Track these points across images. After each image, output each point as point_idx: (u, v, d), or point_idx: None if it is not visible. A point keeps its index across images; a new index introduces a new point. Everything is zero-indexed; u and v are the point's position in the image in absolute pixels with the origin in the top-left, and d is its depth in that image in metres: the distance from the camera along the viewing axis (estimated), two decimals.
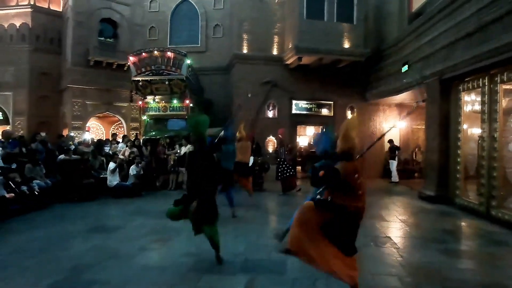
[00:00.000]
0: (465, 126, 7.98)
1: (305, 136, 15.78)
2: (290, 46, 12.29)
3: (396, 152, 12.33)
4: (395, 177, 12.35)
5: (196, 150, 4.33)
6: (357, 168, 3.17)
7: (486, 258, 4.77)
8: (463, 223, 6.75)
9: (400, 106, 13.77)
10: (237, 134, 8.17)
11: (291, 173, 9.46)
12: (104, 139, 13.00)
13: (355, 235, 3.29)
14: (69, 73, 14.87)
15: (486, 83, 6.97)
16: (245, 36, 13.34)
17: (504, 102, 6.72)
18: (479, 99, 7.39)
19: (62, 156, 8.78)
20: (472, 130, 7.95)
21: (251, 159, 9.91)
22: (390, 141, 12.63)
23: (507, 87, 6.74)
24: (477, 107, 7.56)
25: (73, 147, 9.98)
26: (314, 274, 3.93)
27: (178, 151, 10.47)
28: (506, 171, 6.68)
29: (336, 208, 3.16)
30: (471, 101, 7.94)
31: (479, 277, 4.06)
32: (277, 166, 9.68)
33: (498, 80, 6.68)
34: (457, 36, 7.72)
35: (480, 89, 7.24)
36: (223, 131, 6.11)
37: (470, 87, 7.64)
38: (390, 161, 12.47)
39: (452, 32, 7.95)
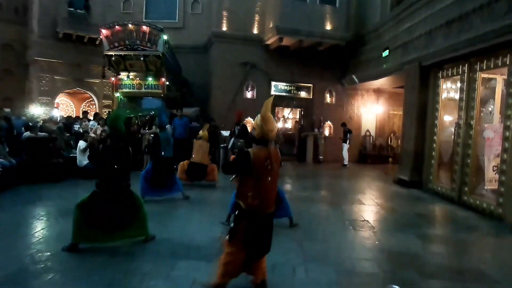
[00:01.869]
0: (442, 113, 8.07)
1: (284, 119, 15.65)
2: (271, 26, 11.98)
3: (348, 135, 12.40)
4: (345, 160, 12.48)
5: (112, 144, 4.05)
6: (270, 155, 3.04)
7: (460, 243, 4.87)
8: (436, 208, 6.90)
9: (378, 91, 13.88)
10: (200, 133, 7.91)
11: None
12: (74, 117, 12.38)
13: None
14: (35, 45, 13.91)
15: (466, 71, 7.01)
16: (224, 14, 12.89)
17: (482, 90, 6.80)
18: (457, 86, 7.46)
19: (27, 134, 8.22)
20: (449, 117, 8.06)
21: (231, 142, 9.71)
22: (343, 124, 12.72)
23: (486, 75, 6.81)
24: (455, 94, 7.64)
25: (39, 124, 9.39)
26: (293, 261, 3.88)
27: (156, 131, 10.07)
28: (480, 158, 6.85)
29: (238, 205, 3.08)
30: (449, 88, 8.02)
31: (454, 262, 4.12)
32: None
33: (478, 68, 6.72)
34: (437, 24, 7.71)
35: (459, 76, 7.29)
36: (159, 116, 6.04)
37: (449, 74, 7.68)
38: (343, 144, 12.56)
39: (432, 19, 7.92)
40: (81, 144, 8.46)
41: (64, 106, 15.94)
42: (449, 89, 8.03)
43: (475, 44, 6.42)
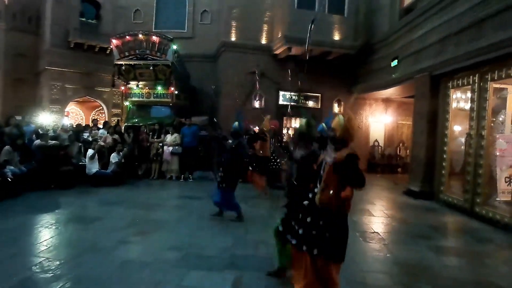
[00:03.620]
0: (452, 123, 7.98)
1: (292, 128, 15.60)
2: (279, 36, 12.04)
3: None
4: None
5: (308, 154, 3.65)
6: None
7: (474, 256, 4.76)
8: (448, 220, 6.78)
9: (387, 101, 13.80)
10: (262, 127, 7.99)
11: (278, 166, 9.22)
12: (83, 125, 12.50)
13: None
14: (47, 54, 14.16)
15: (476, 81, 6.95)
16: (233, 24, 12.99)
17: (493, 100, 6.72)
18: (468, 96, 7.39)
19: (38, 142, 8.31)
20: (460, 127, 7.96)
21: None
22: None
23: (497, 85, 6.74)
24: (466, 104, 7.56)
25: (51, 132, 9.50)
26: None
27: (166, 139, 10.09)
28: (492, 169, 6.73)
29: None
30: (460, 98, 7.94)
31: (469, 275, 4.02)
32: None
33: (489, 78, 6.65)
34: (448, 32, 7.66)
35: (470, 86, 7.22)
36: (237, 125, 5.97)
37: (460, 84, 7.61)
38: None
39: (443, 28, 7.88)
40: (90, 152, 8.53)
41: (73, 115, 16.14)
42: (459, 99, 7.95)
43: (486, 54, 6.37)
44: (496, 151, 6.62)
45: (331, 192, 2.83)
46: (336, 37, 11.92)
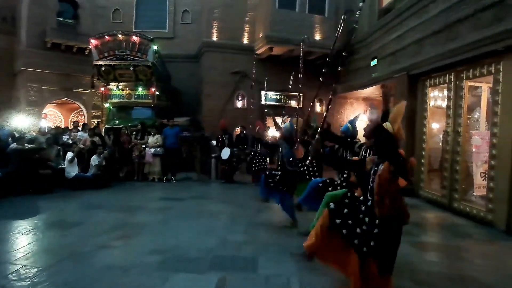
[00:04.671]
0: (430, 121, 8.18)
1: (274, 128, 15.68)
2: (261, 36, 12.08)
3: None
4: None
5: None
6: None
7: (452, 250, 4.89)
8: (428, 215, 6.94)
9: (367, 99, 14.01)
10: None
11: (264, 166, 9.23)
12: (62, 128, 12.19)
13: None
14: (23, 55, 13.73)
15: (452, 79, 7.14)
16: (215, 24, 12.96)
17: (468, 98, 6.93)
18: (445, 94, 7.59)
19: (14, 145, 8.06)
20: (437, 125, 8.18)
21: (228, 151, 9.60)
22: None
23: (472, 83, 6.95)
24: (443, 102, 7.78)
25: (28, 135, 9.21)
26: (287, 271, 3.83)
27: (148, 140, 9.95)
28: (468, 165, 6.95)
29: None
30: (437, 97, 8.16)
31: (447, 270, 4.13)
32: (251, 158, 9.41)
33: (464, 77, 6.85)
34: (425, 33, 7.87)
35: (446, 85, 7.42)
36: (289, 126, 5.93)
37: (437, 83, 7.81)
38: None
39: (420, 29, 8.08)
40: (69, 155, 8.34)
41: (52, 117, 15.73)
42: (437, 97, 8.18)
43: (461, 54, 6.55)
44: (472, 147, 6.85)
45: (387, 201, 2.86)
46: (317, 37, 12.05)
